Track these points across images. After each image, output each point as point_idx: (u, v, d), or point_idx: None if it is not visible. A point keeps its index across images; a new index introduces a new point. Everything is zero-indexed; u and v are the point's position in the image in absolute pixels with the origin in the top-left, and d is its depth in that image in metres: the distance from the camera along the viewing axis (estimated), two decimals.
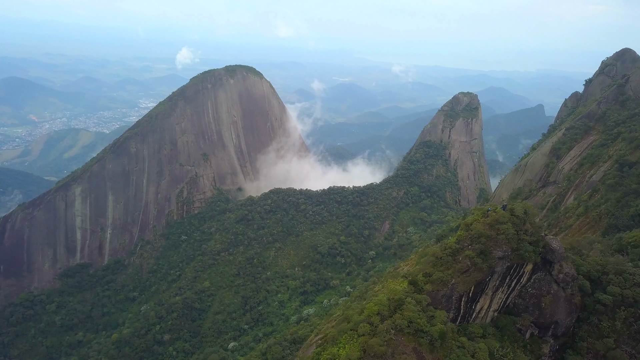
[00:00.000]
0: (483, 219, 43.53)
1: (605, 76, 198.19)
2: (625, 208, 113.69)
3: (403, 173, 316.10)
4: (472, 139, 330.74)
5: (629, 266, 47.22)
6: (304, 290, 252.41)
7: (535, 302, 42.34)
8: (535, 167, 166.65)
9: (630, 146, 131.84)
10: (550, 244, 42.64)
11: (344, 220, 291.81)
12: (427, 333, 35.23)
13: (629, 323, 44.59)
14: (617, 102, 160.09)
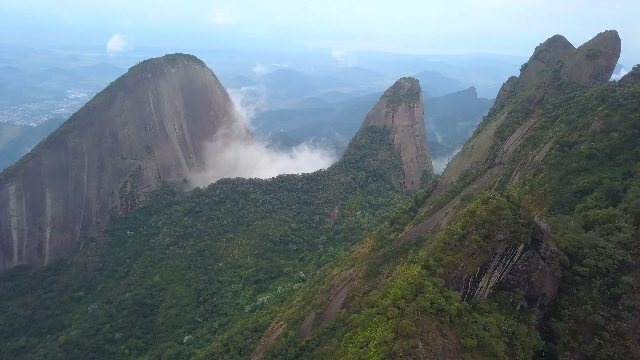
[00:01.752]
0: (485, 206, 47.33)
1: (540, 61, 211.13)
2: (567, 186, 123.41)
3: (350, 158, 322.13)
4: (414, 123, 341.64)
5: (601, 241, 52.98)
6: (257, 278, 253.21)
7: (525, 277, 46.75)
8: (481, 150, 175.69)
9: (568, 128, 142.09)
10: (538, 225, 47.10)
11: (294, 208, 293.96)
12: (447, 312, 38.49)
13: (603, 290, 50.26)
14: (554, 87, 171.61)
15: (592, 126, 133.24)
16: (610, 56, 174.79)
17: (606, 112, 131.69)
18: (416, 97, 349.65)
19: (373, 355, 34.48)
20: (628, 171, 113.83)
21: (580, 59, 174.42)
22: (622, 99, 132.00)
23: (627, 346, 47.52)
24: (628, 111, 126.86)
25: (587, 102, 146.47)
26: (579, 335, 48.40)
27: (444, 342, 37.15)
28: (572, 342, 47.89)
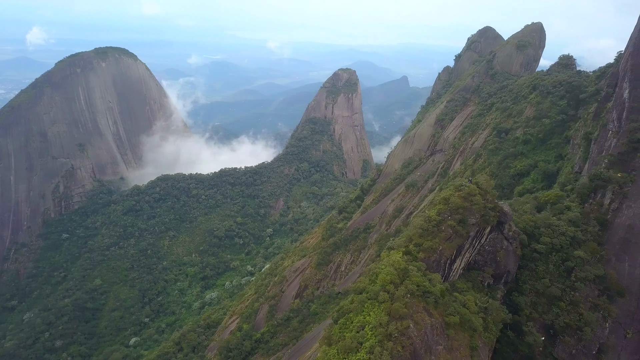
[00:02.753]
0: (458, 193, 50.43)
1: (472, 52, 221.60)
2: (506, 169, 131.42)
3: (292, 150, 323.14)
4: (353, 113, 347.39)
5: (554, 220, 57.96)
6: (203, 275, 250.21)
7: (492, 257, 50.43)
8: (423, 138, 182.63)
9: (503, 115, 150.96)
10: (503, 208, 50.91)
11: (238, 202, 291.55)
12: (431, 293, 41.03)
13: (558, 265, 55.16)
14: (488, 76, 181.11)
15: (525, 113, 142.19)
16: (537, 47, 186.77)
17: (537, 100, 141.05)
18: (354, 87, 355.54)
19: (370, 337, 36.45)
20: (560, 154, 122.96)
21: (510, 50, 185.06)
22: (550, 87, 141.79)
23: (581, 313, 52.66)
24: (557, 98, 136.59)
25: (520, 90, 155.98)
26: (538, 306, 53.02)
27: (431, 321, 39.84)
28: (533, 313, 52.43)
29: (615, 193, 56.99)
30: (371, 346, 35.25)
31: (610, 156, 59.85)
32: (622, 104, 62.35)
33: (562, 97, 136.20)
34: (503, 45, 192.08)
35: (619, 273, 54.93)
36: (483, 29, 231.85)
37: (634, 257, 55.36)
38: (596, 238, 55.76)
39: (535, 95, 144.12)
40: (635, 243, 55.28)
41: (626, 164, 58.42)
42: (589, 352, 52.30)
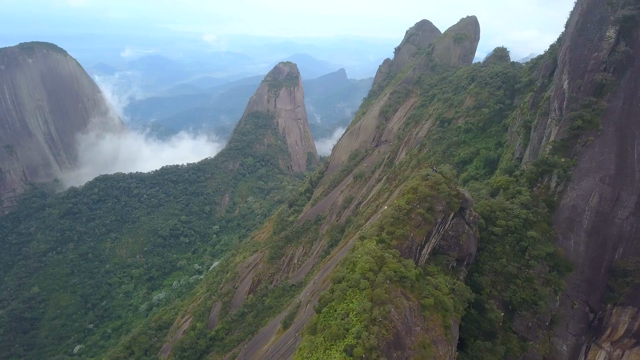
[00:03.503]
0: (425, 182, 52.95)
1: (411, 44, 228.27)
2: (450, 157, 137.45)
3: (236, 145, 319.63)
4: (296, 106, 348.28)
5: (508, 204, 62.14)
6: (149, 276, 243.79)
7: (455, 241, 53.48)
8: (368, 129, 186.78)
9: (445, 105, 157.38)
10: (464, 195, 54.04)
11: (182, 200, 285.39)
12: (408, 278, 43.12)
13: (513, 245, 59.32)
14: (428, 68, 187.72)
15: (465, 103, 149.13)
16: (473, 39, 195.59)
17: (476, 90, 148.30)
18: (295, 81, 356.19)
19: (356, 323, 38.03)
20: (499, 141, 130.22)
21: (448, 42, 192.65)
22: (488, 77, 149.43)
23: (535, 289, 57.08)
24: (494, 88, 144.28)
25: (459, 81, 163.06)
26: (497, 285, 56.92)
27: (409, 304, 42.03)
28: (493, 292, 56.23)
29: (560, 177, 61.94)
30: (358, 331, 36.88)
31: (554, 142, 64.81)
32: (562, 95, 67.51)
33: (498, 87, 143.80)
34: (441, 38, 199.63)
35: (566, 250, 59.95)
36: (420, 22, 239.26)
37: (578, 235, 60.58)
38: (545, 219, 60.51)
39: (474, 86, 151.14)
40: (579, 222, 60.49)
41: (568, 150, 63.53)
42: (542, 324, 56.89)
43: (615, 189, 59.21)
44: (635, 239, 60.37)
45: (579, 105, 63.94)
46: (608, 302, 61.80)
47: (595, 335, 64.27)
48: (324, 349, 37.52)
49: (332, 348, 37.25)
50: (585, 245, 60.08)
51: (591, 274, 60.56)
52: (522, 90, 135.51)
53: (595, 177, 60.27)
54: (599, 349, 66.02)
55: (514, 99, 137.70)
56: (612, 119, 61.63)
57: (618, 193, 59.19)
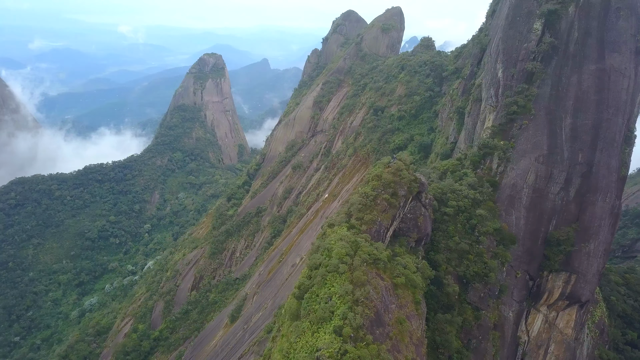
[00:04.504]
0: (388, 169, 55.59)
1: (339, 34, 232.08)
2: (386, 144, 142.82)
3: (163, 140, 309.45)
4: (223, 98, 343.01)
5: (457, 186, 66.68)
6: (79, 281, 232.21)
7: (414, 223, 56.88)
8: (303, 120, 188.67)
9: (377, 94, 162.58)
10: (421, 179, 57.53)
11: (109, 199, 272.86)
12: (380, 260, 45.57)
13: (464, 223, 63.96)
14: (358, 58, 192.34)
15: (397, 91, 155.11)
16: (399, 29, 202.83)
17: (407, 79, 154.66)
18: (222, 72, 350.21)
19: (340, 305, 40.02)
20: (431, 127, 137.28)
21: (376, 33, 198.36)
22: (417, 66, 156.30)
23: (485, 262, 62.22)
24: (423, 77, 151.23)
25: (389, 70, 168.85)
26: (452, 261, 61.32)
27: (384, 284, 44.72)
28: (448, 268, 60.56)
29: (501, 158, 67.58)
30: (343, 312, 38.95)
31: (493, 127, 70.36)
32: (498, 82, 73.24)
33: (427, 75, 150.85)
34: (369, 28, 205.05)
35: (509, 224, 65.72)
36: (346, 12, 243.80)
37: (518, 210, 66.57)
38: (490, 197, 65.89)
39: (404, 74, 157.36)
40: (519, 198, 66.46)
41: (506, 133, 69.30)
42: (493, 294, 62.25)
43: (548, 167, 65.65)
44: (566, 211, 67.43)
45: (513, 92, 69.85)
46: (545, 269, 68.63)
47: (534, 301, 71.13)
48: (311, 333, 39.28)
49: (319, 331, 39.09)
50: (525, 220, 66.24)
51: (530, 245, 66.90)
52: (449, 78, 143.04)
53: (531, 157, 66.42)
54: (537, 313, 73.12)
55: (443, 86, 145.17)
56: (542, 103, 68.00)
57: (551, 171, 65.70)
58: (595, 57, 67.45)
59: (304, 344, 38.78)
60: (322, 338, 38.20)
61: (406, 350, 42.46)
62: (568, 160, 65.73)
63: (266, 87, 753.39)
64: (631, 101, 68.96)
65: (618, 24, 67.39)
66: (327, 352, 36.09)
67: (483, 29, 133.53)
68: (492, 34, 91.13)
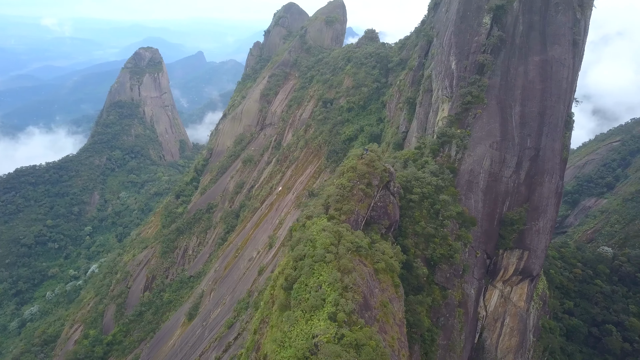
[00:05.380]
0: (361, 161, 57.44)
1: (281, 27, 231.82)
2: (337, 136, 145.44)
3: (101, 138, 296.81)
4: (162, 93, 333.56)
5: (420, 173, 69.80)
6: (16, 290, 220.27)
7: (384, 211, 59.32)
8: (250, 114, 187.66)
9: (325, 86, 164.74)
10: (390, 169, 60.01)
11: (45, 203, 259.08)
12: (362, 247, 47.46)
13: (429, 209, 67.18)
14: (303, 50, 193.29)
15: (344, 83, 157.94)
16: (342, 21, 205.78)
17: (353, 71, 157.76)
18: (159, 66, 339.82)
19: (331, 293, 41.62)
20: (380, 117, 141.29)
21: (320, 25, 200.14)
22: (363, 58, 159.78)
23: (450, 244, 66.03)
24: (369, 68, 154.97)
25: (336, 62, 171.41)
26: (419, 245, 64.52)
27: (367, 270, 46.81)
28: (417, 252, 63.70)
29: (459, 146, 71.62)
30: (334, 299, 40.66)
31: (449, 117, 74.29)
32: (452, 74, 77.26)
33: (373, 67, 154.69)
34: (313, 21, 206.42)
35: (469, 208, 69.97)
36: (287, 4, 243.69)
37: (476, 194, 70.97)
38: (451, 183, 69.80)
39: (350, 66, 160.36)
40: (477, 183, 70.84)
41: (462, 122, 73.44)
42: (457, 273, 66.24)
43: (501, 153, 70.41)
44: (517, 192, 72.68)
45: (466, 83, 74.09)
46: (500, 248, 73.77)
47: (491, 278, 76.29)
48: (305, 321, 40.71)
49: (312, 318, 40.59)
50: (482, 202, 70.79)
51: (488, 226, 71.63)
52: (395, 69, 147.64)
53: (486, 143, 70.92)
54: (494, 289, 78.49)
55: (389, 77, 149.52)
56: (494, 93, 72.64)
57: (504, 156, 70.52)
58: (539, 49, 72.82)
59: (299, 332, 40.22)
60: (316, 325, 39.79)
61: (391, 331, 44.98)
62: (518, 146, 70.81)
63: (203, 81, 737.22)
64: (570, 89, 75.12)
65: (557, 18, 73.01)
66: (324, 338, 37.74)
67: (426, 21, 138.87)
68: (440, 27, 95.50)
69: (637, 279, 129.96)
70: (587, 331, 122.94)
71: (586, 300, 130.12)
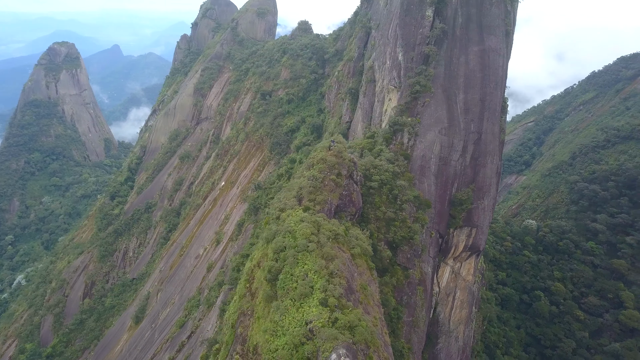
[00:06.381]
0: (330, 152, 58.91)
1: (209, 19, 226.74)
2: (278, 128, 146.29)
3: (16, 140, 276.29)
4: (82, 90, 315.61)
5: (377, 161, 72.61)
6: None
7: (349, 199, 61.54)
8: (184, 108, 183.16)
9: (262, 79, 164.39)
10: (354, 159, 62.27)
11: None
12: (340, 234, 49.30)
13: (388, 194, 70.15)
14: (236, 43, 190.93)
15: (282, 75, 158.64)
16: (273, 13, 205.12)
17: (290, 62, 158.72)
18: (77, 62, 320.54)
19: (318, 280, 43.18)
20: (320, 108, 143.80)
21: (252, 17, 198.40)
22: (298, 49, 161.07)
23: (409, 226, 69.54)
24: (306, 60, 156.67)
25: (271, 54, 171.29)
26: (381, 229, 67.58)
27: (346, 255, 48.93)
28: (380, 235, 66.69)
29: (410, 133, 75.47)
30: (322, 286, 42.38)
31: (400, 106, 77.92)
32: (399, 65, 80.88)
33: (310, 58, 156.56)
34: (243, 13, 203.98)
35: (423, 191, 74.16)
36: None
37: (429, 178, 75.34)
38: (406, 169, 73.58)
39: (287, 58, 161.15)
40: (429, 167, 75.17)
41: (412, 110, 77.34)
42: (417, 254, 70.29)
43: (449, 138, 75.15)
44: (464, 174, 77.96)
45: (414, 73, 78.03)
46: (451, 227, 78.89)
47: (443, 255, 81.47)
48: (296, 309, 42.14)
49: (303, 306, 42.11)
50: (435, 185, 75.32)
51: (440, 207, 76.36)
52: (331, 60, 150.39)
53: (435, 130, 75.33)
54: (446, 266, 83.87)
55: (325, 68, 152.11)
56: (439, 82, 77.14)
57: (452, 141, 75.32)
58: (477, 40, 78.14)
59: (291, 320, 41.66)
60: (308, 312, 41.41)
61: (373, 312, 47.63)
62: (464, 131, 75.88)
63: (122, 75, 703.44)
64: (505, 76, 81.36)
65: (492, 10, 78.63)
66: (319, 323, 39.49)
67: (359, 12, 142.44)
68: (380, 19, 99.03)
69: (559, 247, 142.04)
70: (519, 298, 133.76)
71: (516, 270, 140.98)
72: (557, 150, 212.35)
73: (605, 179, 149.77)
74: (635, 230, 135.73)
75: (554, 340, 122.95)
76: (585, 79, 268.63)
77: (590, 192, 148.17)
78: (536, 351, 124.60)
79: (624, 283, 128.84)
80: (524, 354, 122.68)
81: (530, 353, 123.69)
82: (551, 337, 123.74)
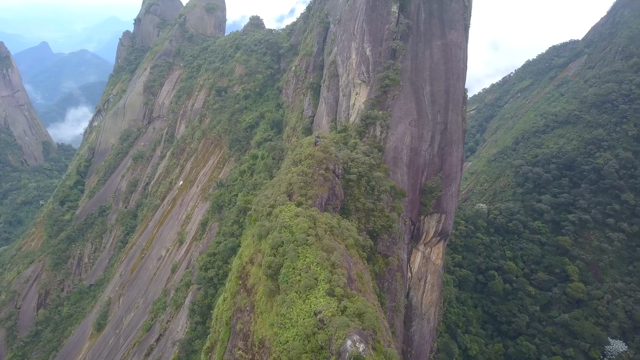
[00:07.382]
0: (317, 148, 59.92)
1: (153, 15, 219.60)
2: (237, 124, 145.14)
3: None
4: (15, 91, 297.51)
5: (354, 154, 74.25)
6: None
7: (332, 192, 63.12)
8: (134, 107, 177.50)
9: (215, 75, 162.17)
10: (336, 153, 63.79)
11: None
12: (334, 227, 50.62)
13: (366, 186, 72.09)
14: (185, 39, 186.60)
15: (236, 71, 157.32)
16: (222, 8, 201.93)
17: (244, 58, 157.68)
18: (7, 61, 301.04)
19: (321, 271, 44.44)
20: (278, 103, 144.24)
21: (201, 13, 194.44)
22: (252, 45, 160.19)
23: (387, 216, 72.04)
24: (260, 55, 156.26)
25: (224, 50, 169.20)
26: (362, 219, 69.64)
27: (342, 246, 50.57)
28: (361, 226, 68.82)
29: (382, 126, 78.05)
30: (326, 276, 43.84)
31: (371, 100, 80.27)
32: (367, 60, 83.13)
33: (264, 53, 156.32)
34: (191, 8, 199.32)
35: (397, 181, 77.05)
36: None
37: (401, 168, 78.37)
38: (381, 160, 76.13)
39: (240, 54, 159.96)
40: (401, 158, 78.15)
41: (382, 104, 79.92)
42: (395, 241, 73.17)
43: (419, 129, 78.47)
44: (433, 163, 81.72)
45: (383, 68, 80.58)
46: (422, 214, 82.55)
47: (415, 242, 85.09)
48: (302, 300, 43.37)
49: (309, 297, 43.39)
50: (407, 175, 78.49)
51: (412, 196, 79.71)
52: (286, 55, 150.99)
53: (405, 122, 78.36)
54: (417, 252, 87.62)
55: (281, 63, 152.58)
56: (407, 75, 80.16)
57: (421, 132, 78.69)
58: (439, 34, 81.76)
59: (299, 312, 42.89)
60: (315, 302, 42.78)
61: (371, 299, 49.82)
62: (432, 122, 79.46)
63: (53, 74, 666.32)
64: (465, 68, 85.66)
65: (452, 5, 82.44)
66: (328, 312, 41.01)
67: (312, 7, 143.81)
68: (341, 14, 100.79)
69: (509, 227, 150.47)
70: (474, 279, 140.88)
71: (471, 252, 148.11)
72: (499, 136, 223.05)
73: (547, 162, 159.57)
74: (577, 209, 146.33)
75: (509, 316, 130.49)
76: (521, 67, 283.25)
77: (534, 175, 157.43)
78: (493, 327, 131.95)
79: (568, 258, 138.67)
80: (482, 331, 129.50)
81: (487, 330, 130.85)
82: (506, 313, 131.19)
